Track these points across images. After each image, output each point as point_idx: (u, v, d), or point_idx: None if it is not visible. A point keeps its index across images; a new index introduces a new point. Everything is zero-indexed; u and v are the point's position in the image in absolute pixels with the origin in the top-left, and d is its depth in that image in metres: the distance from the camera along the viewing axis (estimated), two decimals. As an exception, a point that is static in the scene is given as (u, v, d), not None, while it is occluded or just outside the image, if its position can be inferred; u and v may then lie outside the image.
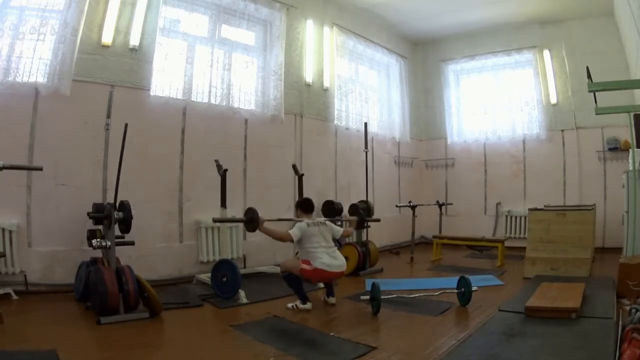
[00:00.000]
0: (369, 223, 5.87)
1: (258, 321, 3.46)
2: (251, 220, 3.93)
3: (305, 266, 3.78)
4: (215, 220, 4.20)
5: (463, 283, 3.87)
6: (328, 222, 4.11)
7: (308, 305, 3.81)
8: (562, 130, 7.48)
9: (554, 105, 7.56)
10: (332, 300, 4.03)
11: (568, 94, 7.44)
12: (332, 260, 3.81)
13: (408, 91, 8.48)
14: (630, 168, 5.12)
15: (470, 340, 2.91)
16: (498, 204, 7.98)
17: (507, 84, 8.11)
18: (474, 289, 3.82)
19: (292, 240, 3.88)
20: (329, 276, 3.86)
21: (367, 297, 3.71)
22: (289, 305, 3.86)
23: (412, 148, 8.69)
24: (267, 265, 5.51)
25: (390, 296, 3.88)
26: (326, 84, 6.78)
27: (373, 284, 3.73)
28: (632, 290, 3.78)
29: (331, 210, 6.02)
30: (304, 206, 4.20)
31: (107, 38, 4.47)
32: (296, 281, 3.88)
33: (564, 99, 7.49)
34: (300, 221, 3.95)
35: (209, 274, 4.34)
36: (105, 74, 4.48)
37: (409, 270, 5.96)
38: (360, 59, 7.63)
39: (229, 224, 4.91)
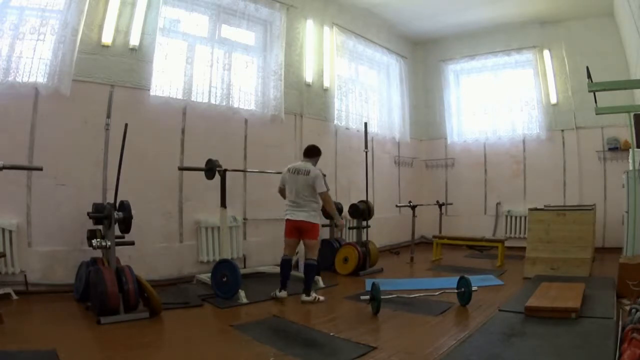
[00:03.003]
0: (369, 223, 5.88)
1: (258, 321, 3.46)
2: (210, 170, 4.31)
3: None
4: (180, 169, 4.77)
5: (463, 283, 3.87)
6: (313, 173, 4.24)
7: (283, 294, 4.21)
8: (562, 130, 7.48)
9: (554, 105, 7.56)
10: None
11: (568, 94, 7.44)
12: (294, 212, 4.22)
13: (408, 91, 8.48)
14: (630, 168, 5.12)
15: (470, 340, 2.91)
16: (498, 204, 7.99)
17: (507, 84, 8.11)
18: (474, 289, 3.82)
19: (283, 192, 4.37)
20: (292, 225, 4.23)
21: (367, 297, 3.71)
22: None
23: (412, 148, 8.69)
24: (267, 265, 5.51)
25: (390, 296, 3.88)
26: (326, 84, 6.78)
27: (373, 284, 3.74)
28: (632, 290, 3.78)
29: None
30: (304, 151, 4.55)
31: (107, 38, 4.47)
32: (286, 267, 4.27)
33: (564, 99, 7.49)
34: None
35: (209, 274, 4.34)
36: (105, 74, 4.47)
37: (409, 270, 5.96)
38: (360, 59, 7.63)
39: (229, 224, 4.92)
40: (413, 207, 6.56)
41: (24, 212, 4.03)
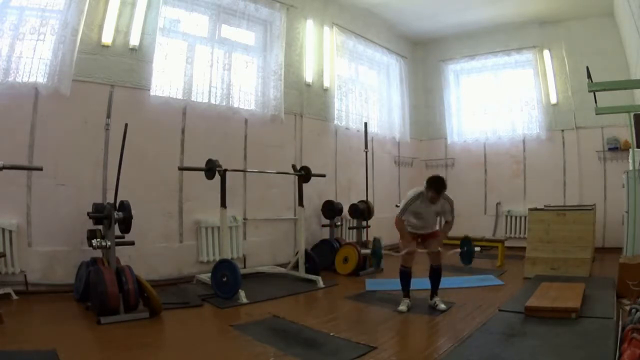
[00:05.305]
0: (369, 223, 5.89)
1: (258, 321, 3.46)
2: (210, 170, 4.32)
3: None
4: (180, 169, 4.76)
5: (465, 243, 3.99)
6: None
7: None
8: (562, 130, 7.48)
9: (554, 105, 7.55)
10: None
11: (568, 94, 7.44)
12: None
13: (408, 91, 8.47)
14: (630, 168, 5.13)
15: (470, 340, 2.91)
16: (498, 204, 7.98)
17: (507, 84, 8.10)
18: (476, 249, 3.95)
19: None
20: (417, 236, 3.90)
21: (368, 250, 3.74)
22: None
23: (412, 148, 8.68)
24: (267, 265, 5.52)
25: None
26: (326, 84, 6.78)
27: (375, 238, 3.77)
28: (632, 290, 3.78)
29: (331, 210, 6.03)
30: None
31: (107, 38, 4.46)
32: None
33: (564, 99, 7.49)
34: None
35: (209, 274, 4.34)
36: (105, 74, 4.47)
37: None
38: (360, 59, 7.63)
39: (229, 224, 4.92)
40: (413, 207, 6.55)
41: (24, 212, 4.03)
